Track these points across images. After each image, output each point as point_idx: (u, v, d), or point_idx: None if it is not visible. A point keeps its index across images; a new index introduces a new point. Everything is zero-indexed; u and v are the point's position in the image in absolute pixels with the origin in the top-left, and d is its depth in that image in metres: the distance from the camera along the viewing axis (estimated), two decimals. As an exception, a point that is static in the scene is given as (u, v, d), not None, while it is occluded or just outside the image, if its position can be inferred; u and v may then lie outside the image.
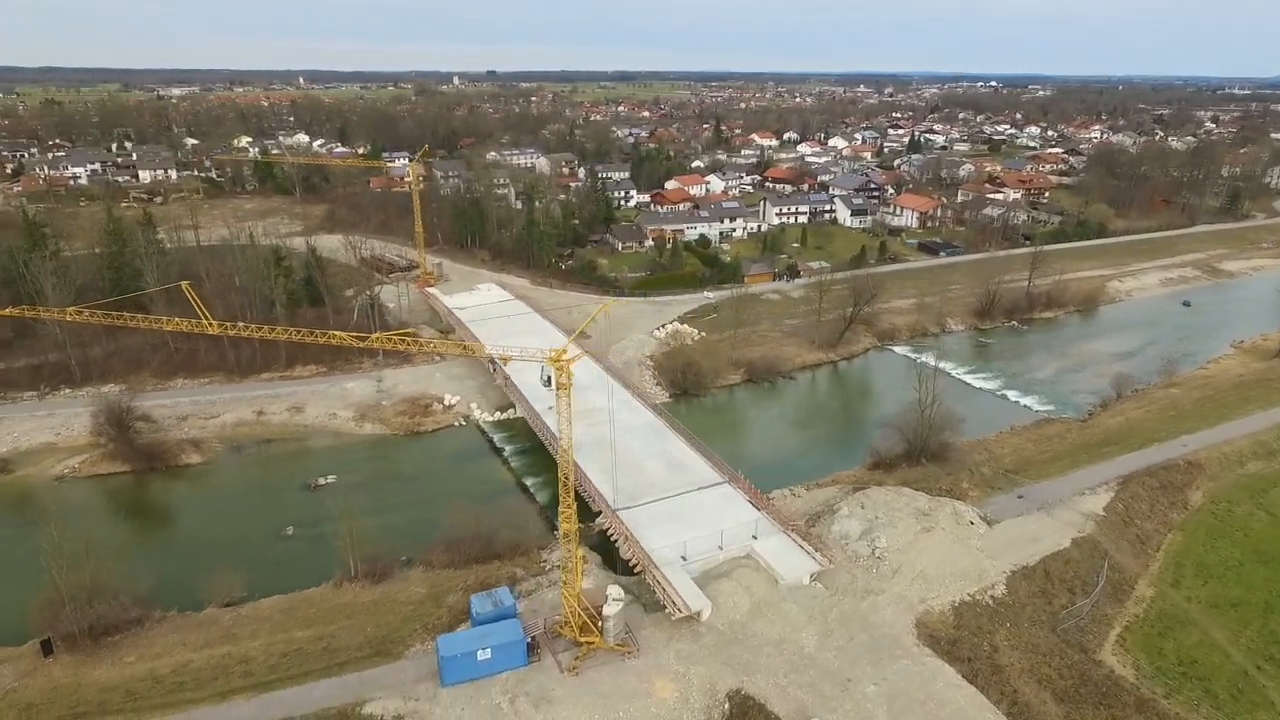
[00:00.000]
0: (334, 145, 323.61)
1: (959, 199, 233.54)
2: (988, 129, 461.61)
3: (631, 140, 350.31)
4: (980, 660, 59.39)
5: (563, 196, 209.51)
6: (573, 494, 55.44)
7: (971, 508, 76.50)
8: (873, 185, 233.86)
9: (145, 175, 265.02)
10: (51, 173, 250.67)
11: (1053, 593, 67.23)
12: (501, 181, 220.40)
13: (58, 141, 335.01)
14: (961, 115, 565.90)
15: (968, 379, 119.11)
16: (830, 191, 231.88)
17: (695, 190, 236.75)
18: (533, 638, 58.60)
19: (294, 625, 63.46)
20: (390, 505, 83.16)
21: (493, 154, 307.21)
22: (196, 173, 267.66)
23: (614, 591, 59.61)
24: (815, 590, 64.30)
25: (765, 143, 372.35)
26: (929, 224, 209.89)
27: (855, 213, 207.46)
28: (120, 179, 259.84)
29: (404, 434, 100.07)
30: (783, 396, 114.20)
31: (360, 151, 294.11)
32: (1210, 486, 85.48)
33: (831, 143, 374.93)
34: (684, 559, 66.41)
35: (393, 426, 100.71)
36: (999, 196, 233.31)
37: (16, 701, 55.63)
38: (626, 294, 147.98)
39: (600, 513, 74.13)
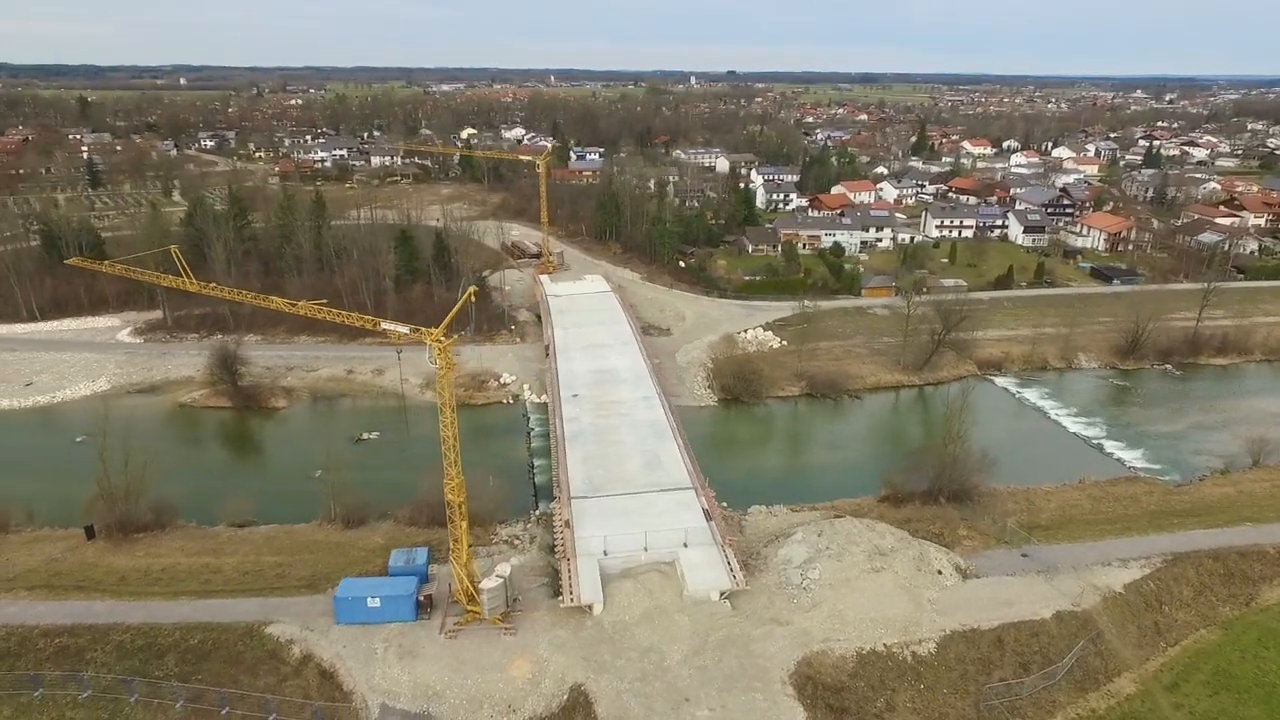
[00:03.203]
0: (538, 138, 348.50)
1: (1179, 221, 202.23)
2: (1274, 142, 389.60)
3: (822, 143, 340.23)
4: (865, 715, 54.44)
5: (712, 194, 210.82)
6: (457, 466, 58.83)
7: (949, 556, 68.94)
8: (1065, 201, 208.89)
9: (375, 161, 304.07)
10: (301, 157, 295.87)
11: (997, 664, 59.25)
12: (667, 179, 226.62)
13: (324, 130, 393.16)
14: (1252, 126, 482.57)
15: (1065, 420, 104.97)
16: (1017, 205, 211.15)
17: (863, 197, 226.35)
18: (427, 596, 62.87)
19: (268, 551, 72.86)
20: (407, 464, 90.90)
21: (678, 152, 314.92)
22: (416, 160, 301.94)
23: (501, 569, 62.17)
24: (719, 607, 62.11)
25: (977, 150, 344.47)
26: (1120, 247, 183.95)
27: (1029, 229, 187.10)
28: (355, 163, 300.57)
29: (456, 405, 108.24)
30: (839, 415, 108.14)
31: (554, 146, 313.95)
32: (1302, 586, 69.36)
33: (1056, 153, 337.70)
34: (605, 553, 67.07)
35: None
36: (1229, 221, 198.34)
37: (54, 569, 69.70)
38: (730, 295, 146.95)
39: (556, 498, 76.48)
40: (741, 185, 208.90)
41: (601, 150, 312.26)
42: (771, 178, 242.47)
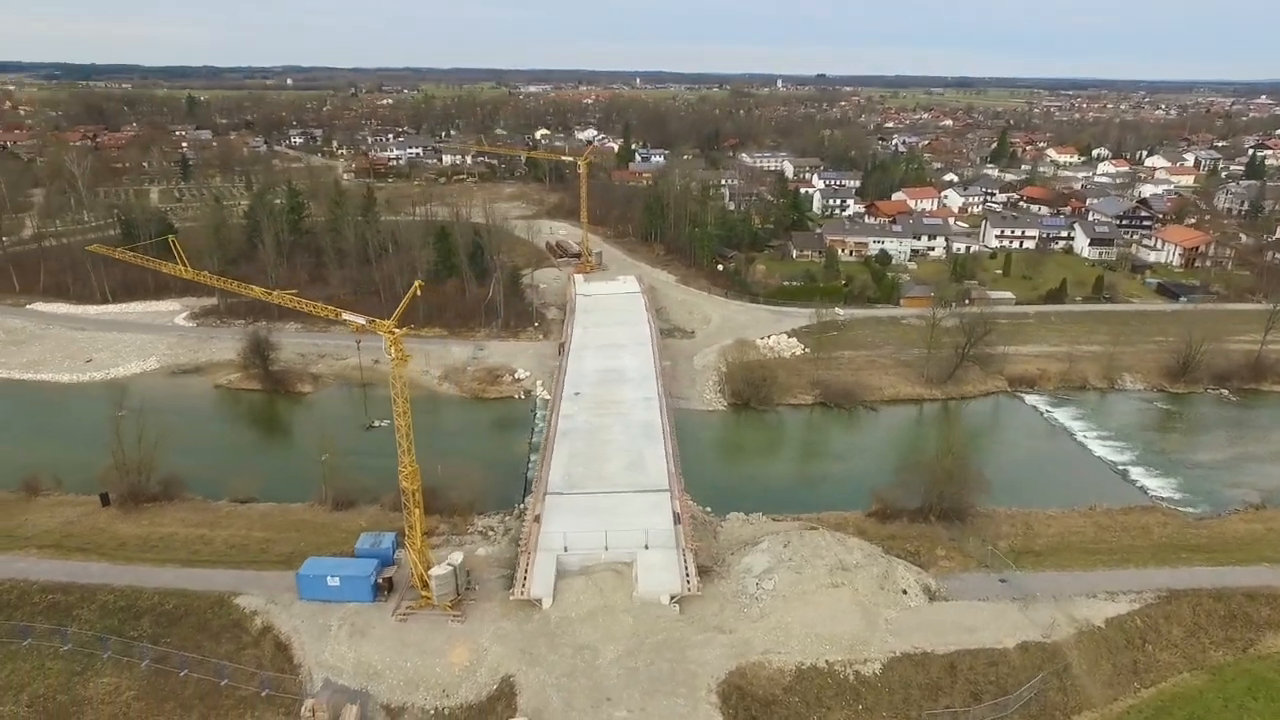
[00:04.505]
0: (608, 139, 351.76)
1: (1271, 237, 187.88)
2: None
3: (893, 149, 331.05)
4: (793, 731, 53.30)
5: (770, 198, 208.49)
6: (410, 454, 60.65)
7: (919, 576, 66.52)
8: (1143, 213, 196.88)
9: (447, 159, 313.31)
10: (378, 154, 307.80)
11: (946, 690, 56.90)
12: (723, 182, 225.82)
13: (405, 129, 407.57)
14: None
15: (1092, 443, 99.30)
16: (1088, 216, 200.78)
17: (925, 204, 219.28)
18: (387, 579, 64.95)
19: (259, 527, 76.70)
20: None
21: (743, 155, 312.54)
22: (485, 159, 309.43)
23: (453, 557, 63.66)
24: (667, 611, 61.80)
25: (1062, 158, 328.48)
26: (1198, 263, 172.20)
27: (1095, 242, 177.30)
28: (428, 161, 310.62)
29: (470, 398, 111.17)
30: (851, 426, 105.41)
31: (619, 147, 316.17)
32: (1313, 634, 63.77)
33: (1150, 162, 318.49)
34: (565, 549, 67.69)
35: (463, 390, 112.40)
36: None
37: (66, 531, 75.30)
38: (762, 300, 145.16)
39: (531, 492, 77.60)
40: (792, 189, 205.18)
41: (667, 152, 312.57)
42: (831, 182, 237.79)
